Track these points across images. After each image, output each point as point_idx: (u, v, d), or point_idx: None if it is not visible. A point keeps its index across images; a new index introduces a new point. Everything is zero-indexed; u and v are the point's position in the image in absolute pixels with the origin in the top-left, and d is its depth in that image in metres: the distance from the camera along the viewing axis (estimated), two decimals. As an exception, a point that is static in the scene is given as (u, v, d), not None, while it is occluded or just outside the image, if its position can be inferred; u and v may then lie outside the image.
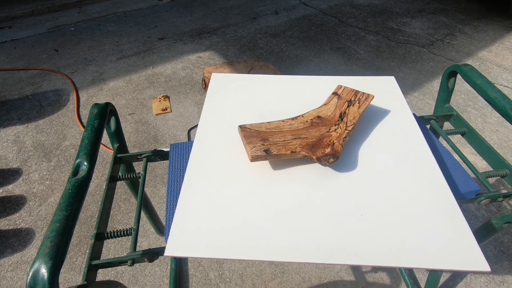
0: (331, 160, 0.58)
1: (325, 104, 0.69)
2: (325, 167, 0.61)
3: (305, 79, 0.83)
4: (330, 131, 0.63)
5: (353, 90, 0.73)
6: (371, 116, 0.73)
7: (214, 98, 0.76)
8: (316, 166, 0.61)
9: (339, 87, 0.74)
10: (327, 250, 0.48)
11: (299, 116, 0.66)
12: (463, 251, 0.47)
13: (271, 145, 0.58)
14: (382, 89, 0.80)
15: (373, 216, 0.52)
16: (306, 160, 0.61)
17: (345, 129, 0.63)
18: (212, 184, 0.57)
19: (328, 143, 0.60)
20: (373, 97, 0.71)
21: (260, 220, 0.52)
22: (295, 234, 0.50)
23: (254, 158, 0.56)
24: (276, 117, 0.71)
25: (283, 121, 0.64)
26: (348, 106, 0.69)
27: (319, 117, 0.66)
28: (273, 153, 0.56)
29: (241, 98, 0.76)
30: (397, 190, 0.56)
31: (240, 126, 0.61)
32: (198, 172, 0.59)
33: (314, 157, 0.58)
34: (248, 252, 0.47)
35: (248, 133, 0.60)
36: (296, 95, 0.78)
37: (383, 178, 0.59)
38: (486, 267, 0.45)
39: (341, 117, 0.66)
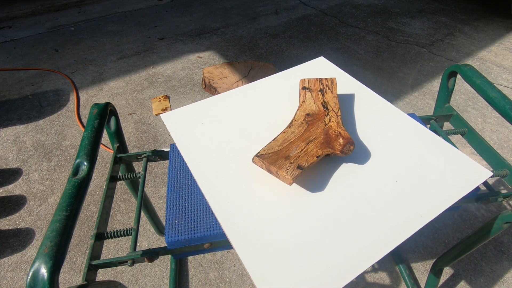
0: (351, 147, 0.59)
1: (304, 101, 0.69)
2: (337, 166, 0.61)
3: (259, 84, 0.81)
4: (327, 123, 0.64)
5: (316, 79, 0.74)
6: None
7: (184, 140, 0.66)
8: (331, 166, 0.61)
9: (303, 81, 0.74)
10: (401, 226, 0.51)
11: (292, 121, 0.65)
12: (471, 173, 0.59)
13: (296, 159, 0.56)
14: (323, 69, 0.85)
15: (404, 182, 0.58)
16: (318, 165, 0.61)
17: (337, 115, 0.65)
18: (261, 227, 0.52)
19: (335, 134, 0.61)
20: (336, 79, 0.74)
21: (327, 235, 0.50)
22: (363, 231, 0.51)
23: (294, 180, 0.54)
24: (262, 131, 0.68)
25: (284, 132, 0.62)
26: (323, 95, 0.70)
27: (308, 114, 0.66)
28: (305, 166, 0.55)
29: (213, 128, 0.68)
30: (401, 154, 0.63)
31: (257, 156, 0.57)
32: (237, 222, 0.53)
33: (338, 152, 0.58)
34: (340, 273, 0.46)
35: (270, 158, 0.56)
36: (261, 101, 0.76)
37: (386, 149, 0.64)
38: (489, 173, 0.59)
39: (325, 107, 0.67)
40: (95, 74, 2.12)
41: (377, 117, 0.71)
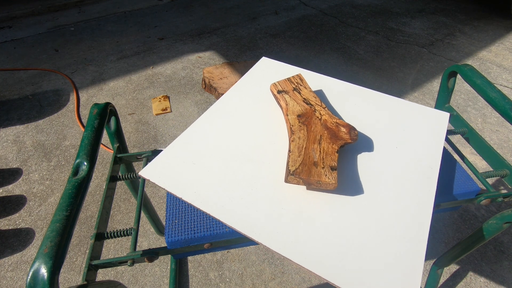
0: (356, 132, 0.61)
1: (287, 104, 0.68)
2: (341, 162, 0.62)
3: (221, 102, 0.75)
4: (320, 118, 0.64)
5: (285, 80, 0.74)
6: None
7: (189, 191, 0.57)
8: (341, 164, 0.62)
9: (275, 85, 0.73)
10: (425, 184, 0.57)
11: (290, 127, 0.64)
12: (437, 119, 0.70)
13: (324, 162, 0.55)
14: (272, 68, 0.86)
15: (401, 146, 0.65)
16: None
17: (323, 107, 0.66)
18: (325, 241, 0.51)
19: (334, 125, 0.62)
20: (301, 74, 0.76)
21: (381, 225, 0.52)
22: (402, 205, 0.54)
23: (337, 182, 0.53)
24: (261, 148, 0.65)
25: (292, 140, 0.60)
26: (299, 92, 0.70)
27: (299, 116, 0.65)
28: (335, 165, 0.55)
29: (209, 165, 0.61)
30: (382, 123, 0.69)
31: (291, 175, 0.54)
32: (303, 249, 0.50)
33: (349, 140, 0.60)
34: (410, 258, 0.49)
35: (304, 172, 0.54)
36: (236, 119, 0.71)
37: (368, 124, 0.69)
38: (447, 114, 0.71)
39: (308, 103, 0.67)
40: (95, 74, 2.12)
41: (344, 98, 0.75)
